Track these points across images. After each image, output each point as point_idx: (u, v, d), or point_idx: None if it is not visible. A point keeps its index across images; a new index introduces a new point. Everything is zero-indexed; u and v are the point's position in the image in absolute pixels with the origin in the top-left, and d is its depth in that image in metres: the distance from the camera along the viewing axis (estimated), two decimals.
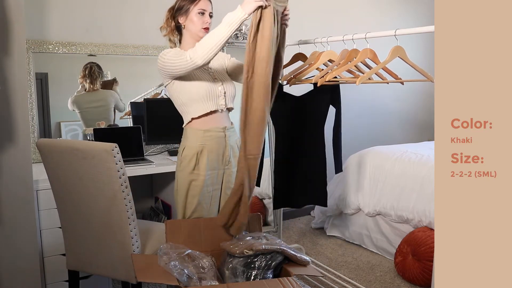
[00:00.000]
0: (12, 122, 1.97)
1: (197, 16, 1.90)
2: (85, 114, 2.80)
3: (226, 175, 2.03)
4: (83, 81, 2.77)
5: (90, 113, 2.82)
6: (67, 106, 2.76)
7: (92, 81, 2.78)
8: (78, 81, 2.77)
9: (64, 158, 1.77)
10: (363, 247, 3.13)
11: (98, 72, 2.80)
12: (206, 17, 1.92)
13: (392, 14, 4.22)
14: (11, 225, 2.02)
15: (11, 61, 1.93)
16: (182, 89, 1.91)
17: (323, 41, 2.24)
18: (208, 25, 1.93)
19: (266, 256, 1.68)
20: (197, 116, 1.93)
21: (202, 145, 1.92)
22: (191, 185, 1.94)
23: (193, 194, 1.94)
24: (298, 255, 1.74)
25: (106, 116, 2.87)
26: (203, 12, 1.91)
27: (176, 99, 1.96)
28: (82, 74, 2.76)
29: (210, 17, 1.94)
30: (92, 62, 2.79)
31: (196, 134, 1.93)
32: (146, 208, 2.97)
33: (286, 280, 1.53)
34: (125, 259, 1.78)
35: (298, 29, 3.58)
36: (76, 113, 2.78)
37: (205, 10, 1.91)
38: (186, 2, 1.92)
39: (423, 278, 2.50)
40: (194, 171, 1.93)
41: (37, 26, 2.62)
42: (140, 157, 2.65)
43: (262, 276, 1.65)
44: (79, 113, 2.78)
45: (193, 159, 1.92)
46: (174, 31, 1.99)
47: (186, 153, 1.94)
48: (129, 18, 2.91)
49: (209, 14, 1.94)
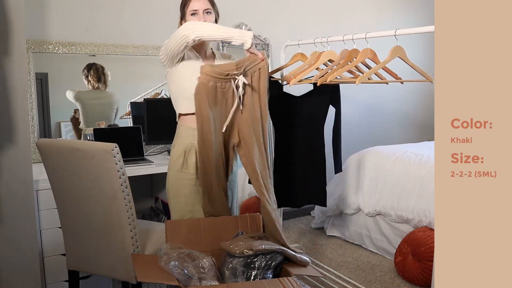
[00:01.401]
0: (12, 122, 1.97)
1: (190, 18, 1.91)
2: (87, 109, 2.80)
3: None
4: (91, 80, 2.78)
5: (92, 109, 2.82)
6: (68, 105, 2.75)
7: (98, 80, 2.79)
8: (83, 80, 2.78)
9: (64, 158, 1.77)
10: (363, 247, 3.13)
11: (104, 73, 2.81)
12: (200, 16, 1.90)
13: (392, 14, 4.22)
14: (11, 225, 2.02)
15: (11, 61, 1.93)
16: (175, 82, 1.92)
17: (323, 41, 2.24)
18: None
19: (266, 256, 1.67)
20: (184, 113, 1.94)
21: (191, 144, 1.92)
22: (181, 184, 1.94)
23: (185, 193, 1.94)
24: (298, 255, 1.74)
25: (107, 115, 2.88)
26: (194, 12, 1.90)
27: (170, 91, 1.99)
28: (86, 73, 2.77)
29: (208, 13, 1.92)
30: (94, 63, 2.80)
31: (186, 132, 1.94)
32: (146, 208, 2.97)
33: (286, 280, 1.53)
34: (125, 259, 1.78)
35: (298, 29, 3.60)
36: (78, 107, 2.78)
37: (196, 10, 1.90)
38: (181, 8, 1.95)
39: (423, 278, 2.50)
40: (182, 170, 1.93)
41: (37, 26, 2.62)
42: (140, 157, 2.65)
43: (262, 276, 1.65)
44: (81, 108, 2.78)
45: (180, 157, 1.93)
46: None
47: (174, 150, 1.96)
48: (129, 18, 2.91)
49: (206, 11, 1.92)
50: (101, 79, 2.80)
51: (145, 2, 2.95)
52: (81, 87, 2.80)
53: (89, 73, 2.77)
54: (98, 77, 2.79)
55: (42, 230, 2.17)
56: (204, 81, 1.80)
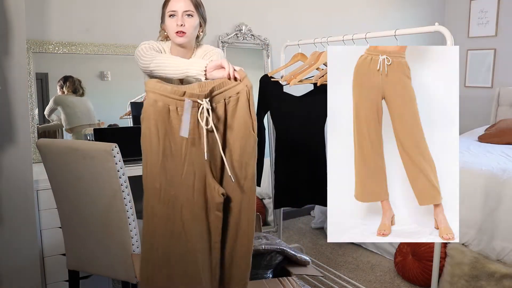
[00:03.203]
0: (12, 122, 1.97)
1: (168, 19, 1.74)
2: (68, 110, 2.75)
3: None
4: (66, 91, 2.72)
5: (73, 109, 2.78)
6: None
7: (73, 91, 2.75)
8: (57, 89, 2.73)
9: (64, 158, 1.77)
10: (363, 247, 3.13)
11: (81, 86, 2.76)
12: (179, 18, 1.71)
13: (392, 14, 4.22)
14: (11, 225, 2.02)
15: (11, 61, 1.93)
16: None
17: (323, 41, 2.25)
18: (182, 27, 1.71)
19: (266, 256, 1.68)
20: None
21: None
22: None
23: None
24: (298, 255, 1.74)
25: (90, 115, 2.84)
26: (173, 14, 1.72)
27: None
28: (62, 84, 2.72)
29: (189, 15, 1.73)
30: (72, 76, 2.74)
31: None
32: None
33: (286, 280, 1.53)
34: (125, 259, 1.78)
35: (298, 29, 3.60)
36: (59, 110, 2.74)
37: (175, 11, 1.71)
38: (162, 7, 1.79)
39: (423, 278, 2.50)
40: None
41: (37, 26, 2.62)
42: (140, 157, 2.63)
43: (262, 276, 1.65)
44: (62, 111, 2.74)
45: None
46: (166, 38, 1.86)
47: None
48: (129, 18, 2.91)
49: (187, 13, 1.72)
50: (77, 91, 2.76)
51: (145, 2, 2.95)
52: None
53: (64, 84, 2.73)
54: (74, 88, 2.75)
55: (42, 230, 2.17)
56: (149, 101, 1.24)
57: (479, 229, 2.42)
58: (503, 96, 4.09)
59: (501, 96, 4.10)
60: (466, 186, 2.44)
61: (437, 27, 1.75)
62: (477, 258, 2.32)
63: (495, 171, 2.52)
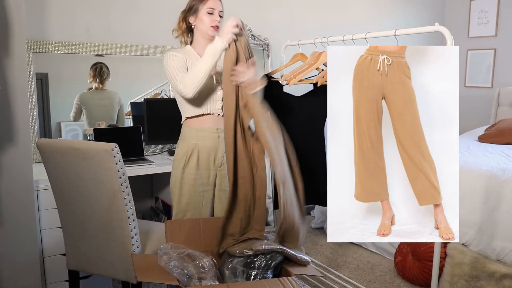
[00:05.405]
0: (12, 122, 1.97)
1: (206, 15, 1.93)
2: (92, 110, 2.81)
3: (219, 176, 2.03)
4: (93, 81, 2.80)
5: (96, 110, 2.83)
6: (68, 106, 2.75)
7: (101, 81, 2.81)
8: (88, 80, 2.79)
9: (64, 158, 1.77)
10: (363, 247, 3.13)
11: (107, 73, 2.82)
12: (216, 16, 1.94)
13: (392, 14, 4.22)
14: (11, 225, 2.02)
15: (11, 61, 1.93)
16: None
17: (323, 41, 2.25)
18: (218, 23, 1.95)
19: (266, 256, 1.68)
20: (191, 116, 1.97)
21: (194, 144, 1.95)
22: (182, 184, 1.96)
23: (184, 193, 1.97)
24: (298, 255, 1.74)
25: (111, 115, 2.88)
26: (212, 11, 1.93)
27: (176, 95, 2.00)
28: (92, 73, 2.79)
29: (220, 16, 1.96)
30: (101, 62, 2.81)
31: (190, 133, 1.97)
32: (146, 208, 2.97)
33: (286, 280, 1.53)
34: (125, 259, 1.78)
35: (298, 29, 3.60)
36: (82, 110, 2.79)
37: (214, 9, 1.93)
38: (196, 1, 1.95)
39: (423, 278, 2.50)
40: (184, 169, 1.96)
41: (37, 26, 2.62)
42: (140, 157, 2.65)
43: (262, 276, 1.65)
44: (85, 110, 2.79)
45: (183, 158, 1.96)
46: (186, 32, 2.02)
47: (178, 151, 2.00)
48: (129, 18, 2.91)
49: (219, 13, 1.96)
50: (105, 80, 2.84)
51: (145, 2, 2.95)
52: (81, 87, 2.80)
53: (94, 76, 2.80)
54: (103, 78, 2.82)
55: (42, 230, 2.17)
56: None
57: (479, 229, 2.42)
58: (503, 96, 4.09)
59: (501, 96, 4.10)
60: (466, 186, 2.44)
61: (437, 27, 1.74)
62: (477, 258, 2.32)
63: (495, 171, 2.52)
